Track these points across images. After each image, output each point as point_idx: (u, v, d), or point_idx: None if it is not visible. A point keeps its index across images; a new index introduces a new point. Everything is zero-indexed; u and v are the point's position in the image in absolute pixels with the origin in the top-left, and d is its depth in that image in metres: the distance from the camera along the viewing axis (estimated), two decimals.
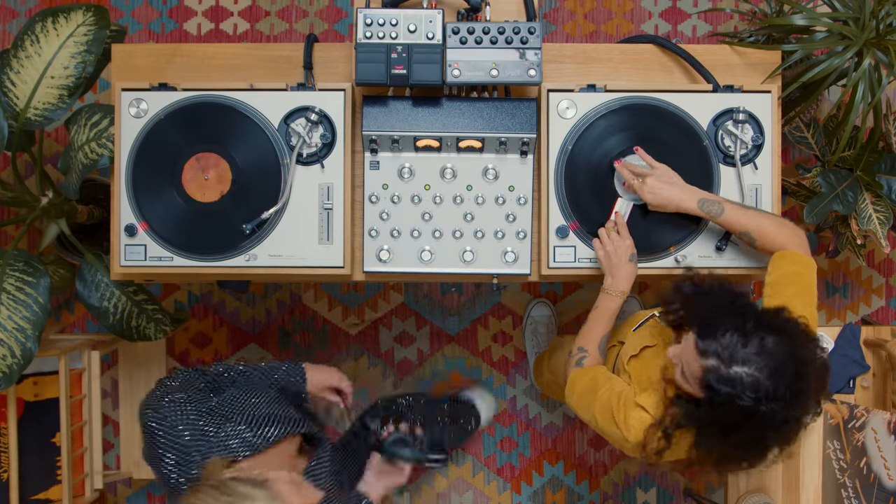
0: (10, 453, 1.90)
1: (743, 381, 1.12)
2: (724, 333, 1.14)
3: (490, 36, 1.48)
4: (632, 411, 1.30)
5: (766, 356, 1.12)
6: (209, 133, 1.54)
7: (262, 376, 1.46)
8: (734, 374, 1.13)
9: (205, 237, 1.55)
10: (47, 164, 2.43)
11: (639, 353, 1.42)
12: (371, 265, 1.58)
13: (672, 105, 1.56)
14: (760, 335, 1.13)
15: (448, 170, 1.57)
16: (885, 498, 1.77)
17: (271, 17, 2.50)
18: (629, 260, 1.46)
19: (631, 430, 1.30)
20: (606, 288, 1.47)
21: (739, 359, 1.13)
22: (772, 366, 1.12)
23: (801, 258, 1.35)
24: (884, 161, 1.90)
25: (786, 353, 1.13)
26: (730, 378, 1.13)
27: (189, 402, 1.25)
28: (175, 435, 1.21)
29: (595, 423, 1.37)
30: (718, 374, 1.14)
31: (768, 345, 1.12)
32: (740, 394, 1.12)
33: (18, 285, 1.68)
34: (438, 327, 2.50)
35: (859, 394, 1.90)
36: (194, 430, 1.22)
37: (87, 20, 1.71)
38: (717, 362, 1.14)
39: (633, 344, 1.44)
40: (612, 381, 1.38)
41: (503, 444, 2.51)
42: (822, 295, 2.52)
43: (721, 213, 1.42)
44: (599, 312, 1.47)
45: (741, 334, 1.14)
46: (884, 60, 1.66)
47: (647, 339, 1.43)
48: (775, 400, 1.12)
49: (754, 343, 1.13)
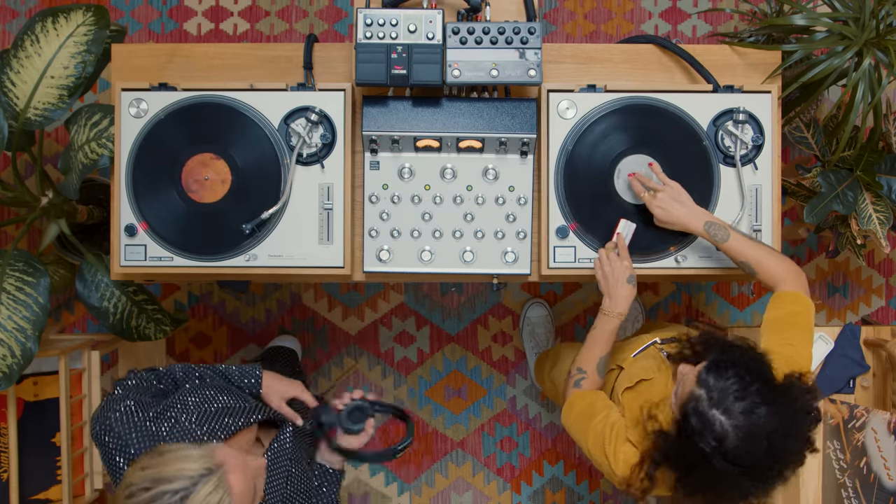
0: (10, 453, 1.90)
1: (713, 426, 1.12)
2: (728, 378, 1.14)
3: (490, 36, 1.48)
4: (621, 445, 1.30)
5: (749, 421, 1.11)
6: (209, 133, 1.54)
7: (216, 375, 1.44)
8: (711, 416, 1.13)
9: (205, 237, 1.55)
10: (47, 164, 2.43)
11: (634, 385, 1.41)
12: (371, 265, 1.58)
13: (672, 105, 1.56)
14: (757, 400, 1.12)
15: (448, 170, 1.56)
16: (885, 498, 1.77)
17: (271, 17, 2.50)
18: (626, 282, 1.45)
19: (619, 465, 1.29)
20: (604, 309, 1.47)
21: (724, 406, 1.12)
22: (748, 433, 1.11)
23: (801, 298, 1.35)
24: (884, 161, 1.90)
25: (770, 429, 1.11)
26: (705, 416, 1.13)
27: (139, 409, 1.23)
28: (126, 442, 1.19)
29: (586, 448, 1.37)
30: (698, 407, 1.14)
31: (758, 413, 1.11)
32: (705, 435, 1.12)
33: (18, 285, 1.68)
34: (438, 327, 2.50)
35: (859, 394, 1.90)
36: (144, 433, 1.20)
37: (87, 20, 1.71)
38: (705, 397, 1.14)
39: (631, 375, 1.43)
40: (610, 410, 1.37)
41: (503, 444, 2.51)
42: (823, 295, 2.53)
43: (726, 239, 1.41)
44: (597, 333, 1.47)
45: (741, 388, 1.13)
46: (884, 60, 1.66)
47: (645, 371, 1.42)
48: (732, 463, 1.11)
49: (747, 403, 1.12)
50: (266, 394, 1.46)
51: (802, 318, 1.33)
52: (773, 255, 1.39)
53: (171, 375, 1.40)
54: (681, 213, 1.45)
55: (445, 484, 2.51)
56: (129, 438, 1.19)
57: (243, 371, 1.46)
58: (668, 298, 2.51)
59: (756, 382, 1.14)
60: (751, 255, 1.39)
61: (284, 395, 1.47)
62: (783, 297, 1.36)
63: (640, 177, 1.52)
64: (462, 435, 2.51)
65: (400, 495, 2.51)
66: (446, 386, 2.50)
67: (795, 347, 1.29)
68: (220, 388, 1.35)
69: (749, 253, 1.39)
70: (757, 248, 1.40)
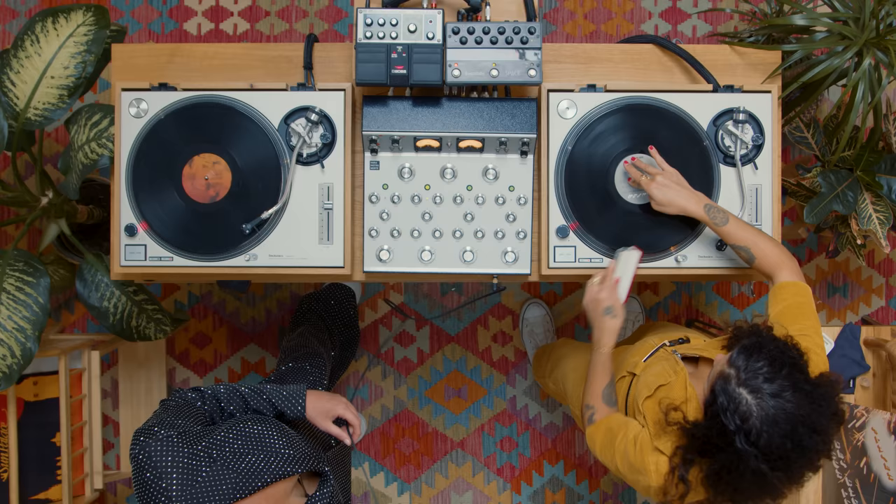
0: (10, 453, 1.90)
1: (739, 404, 1.13)
2: (760, 360, 1.15)
3: (490, 36, 1.48)
4: (649, 456, 1.29)
5: (775, 403, 1.11)
6: (209, 133, 1.54)
7: (261, 399, 1.41)
8: (737, 393, 1.13)
9: (205, 237, 1.55)
10: (47, 164, 2.43)
11: (653, 392, 1.40)
12: (371, 265, 1.58)
13: (672, 105, 1.56)
14: (786, 384, 1.12)
15: (448, 170, 1.56)
16: (885, 498, 1.77)
17: (271, 17, 2.50)
18: (604, 314, 1.44)
19: (651, 476, 1.28)
20: (593, 341, 1.48)
21: (753, 386, 1.13)
22: (772, 415, 1.11)
23: (801, 288, 1.36)
24: (884, 161, 1.90)
25: (795, 415, 1.11)
26: (732, 394, 1.14)
27: (182, 443, 1.20)
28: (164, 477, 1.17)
29: (619, 473, 1.36)
30: (727, 386, 1.15)
31: (785, 396, 1.12)
32: (731, 412, 1.13)
33: (18, 285, 1.68)
34: (438, 327, 2.50)
35: (859, 394, 1.90)
36: (183, 471, 1.18)
37: (87, 20, 1.71)
38: (734, 375, 1.15)
39: (648, 383, 1.41)
40: (628, 426, 1.36)
41: (503, 444, 2.51)
42: (823, 295, 2.53)
43: (725, 222, 1.42)
44: (592, 367, 1.47)
45: (772, 371, 1.13)
46: (884, 60, 1.66)
47: (661, 377, 1.41)
48: (754, 445, 1.12)
49: (775, 385, 1.12)
50: (311, 416, 1.44)
51: (809, 307, 1.35)
52: (770, 240, 1.41)
53: (215, 396, 1.38)
54: (679, 195, 1.45)
55: (445, 484, 2.51)
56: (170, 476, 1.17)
57: (288, 395, 1.43)
58: (668, 298, 2.51)
59: (786, 367, 1.14)
60: (749, 239, 1.40)
61: (329, 415, 1.44)
62: (786, 288, 1.36)
63: (637, 162, 1.52)
64: (462, 435, 2.50)
65: (400, 495, 2.51)
66: (446, 386, 2.50)
67: (812, 338, 1.30)
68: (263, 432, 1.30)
69: (748, 237, 1.40)
70: (755, 233, 1.41)
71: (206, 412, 1.36)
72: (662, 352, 1.50)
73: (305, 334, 1.98)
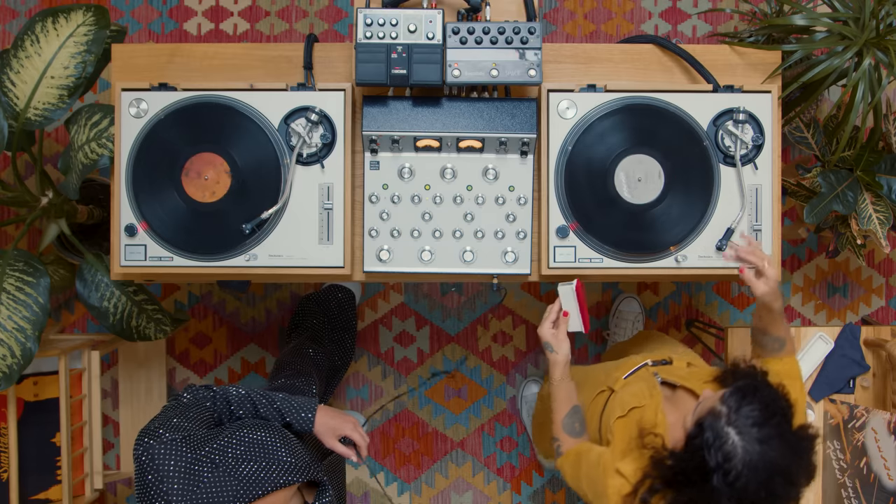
0: (10, 453, 1.90)
1: (725, 442, 1.12)
2: (752, 402, 1.15)
3: (490, 36, 1.48)
4: (609, 479, 1.29)
5: (759, 449, 1.12)
6: (209, 133, 1.54)
7: (272, 410, 1.40)
8: (726, 432, 1.13)
9: (205, 237, 1.55)
10: (47, 164, 2.43)
11: (626, 413, 1.42)
12: (371, 265, 1.58)
13: (672, 105, 1.56)
14: (773, 433, 1.13)
15: (448, 170, 1.57)
16: (885, 498, 1.77)
17: (271, 17, 2.50)
18: (546, 349, 1.47)
19: (610, 498, 1.28)
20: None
21: (742, 428, 1.13)
22: (755, 460, 1.11)
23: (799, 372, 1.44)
24: (884, 161, 1.90)
25: (775, 463, 1.12)
26: (720, 431, 1.14)
27: (186, 447, 1.20)
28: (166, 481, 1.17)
29: (588, 499, 1.38)
30: (716, 423, 1.15)
31: (771, 444, 1.12)
32: (715, 449, 1.13)
33: (18, 285, 1.68)
34: (438, 327, 2.50)
35: (859, 394, 1.90)
36: (186, 476, 1.18)
37: (87, 20, 1.71)
38: (726, 414, 1.15)
39: (623, 402, 1.43)
40: (592, 450, 1.38)
41: (503, 444, 2.51)
42: (823, 295, 2.53)
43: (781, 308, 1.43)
44: (551, 401, 1.49)
45: (763, 417, 1.14)
46: (884, 60, 1.66)
47: (636, 398, 1.43)
48: (730, 485, 1.12)
49: (762, 433, 1.12)
50: (319, 431, 1.42)
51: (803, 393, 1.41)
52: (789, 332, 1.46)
53: (225, 398, 1.37)
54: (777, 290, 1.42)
55: (445, 484, 2.51)
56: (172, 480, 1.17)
57: (298, 406, 1.42)
58: (668, 298, 2.51)
59: (778, 416, 1.15)
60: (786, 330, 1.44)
61: (337, 433, 1.43)
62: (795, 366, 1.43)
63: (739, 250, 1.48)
64: (462, 435, 2.51)
65: (400, 495, 2.51)
66: (446, 386, 2.50)
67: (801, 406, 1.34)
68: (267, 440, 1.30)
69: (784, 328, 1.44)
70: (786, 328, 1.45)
71: (215, 413, 1.36)
72: (643, 371, 1.51)
73: (300, 350, 1.99)
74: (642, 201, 1.55)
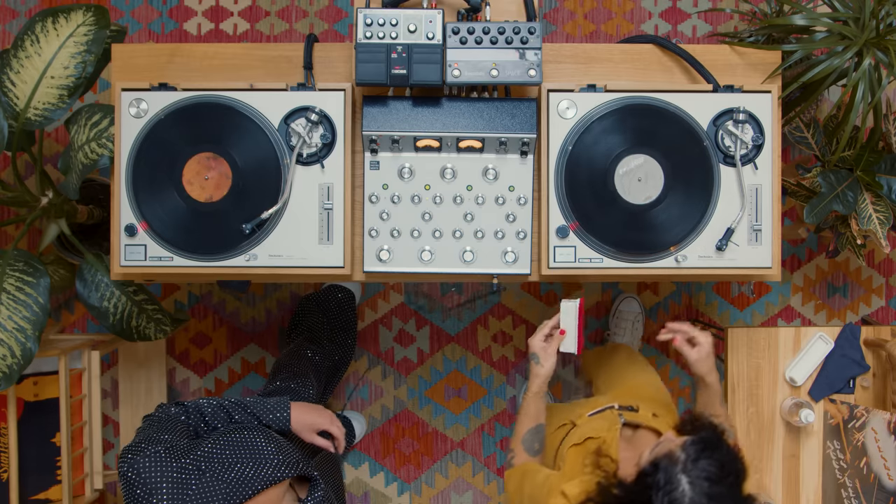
0: (10, 453, 1.90)
1: (675, 490, 1.11)
2: (711, 457, 1.14)
3: (490, 36, 1.48)
4: (552, 499, 1.29)
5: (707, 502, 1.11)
6: (209, 133, 1.54)
7: (245, 413, 1.41)
8: (678, 480, 1.12)
9: (205, 237, 1.55)
10: (47, 164, 2.43)
11: (582, 442, 1.42)
12: (371, 265, 1.58)
13: (672, 105, 1.56)
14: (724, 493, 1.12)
15: (448, 170, 1.56)
16: (885, 498, 1.77)
17: (271, 17, 2.50)
18: (531, 360, 1.49)
19: None
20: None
21: (694, 480, 1.12)
22: None
23: None
24: (884, 161, 1.90)
25: None
26: (673, 477, 1.13)
27: (170, 456, 1.20)
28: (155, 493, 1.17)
29: None
30: (671, 468, 1.14)
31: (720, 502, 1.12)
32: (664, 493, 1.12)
33: (18, 285, 1.68)
34: (438, 327, 2.51)
35: (859, 394, 1.90)
36: (174, 484, 1.18)
37: (87, 20, 1.71)
38: (683, 462, 1.14)
39: (581, 432, 1.44)
40: (539, 471, 1.39)
41: (503, 444, 2.51)
42: (823, 295, 2.53)
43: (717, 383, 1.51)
44: (520, 411, 1.51)
45: (719, 475, 1.12)
46: (884, 60, 1.66)
47: (595, 431, 1.43)
48: None
49: (714, 490, 1.11)
50: (296, 429, 1.44)
51: None
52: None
53: (198, 410, 1.38)
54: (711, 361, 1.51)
55: (445, 484, 2.51)
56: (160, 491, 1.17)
57: (272, 407, 1.43)
58: (667, 298, 2.51)
59: (731, 477, 1.14)
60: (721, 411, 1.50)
61: (314, 428, 1.46)
62: None
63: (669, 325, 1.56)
64: (462, 435, 2.51)
65: (400, 495, 2.51)
66: (446, 386, 2.50)
67: None
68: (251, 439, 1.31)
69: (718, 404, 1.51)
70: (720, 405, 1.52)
71: (191, 426, 1.36)
72: (609, 412, 1.52)
73: (297, 352, 1.99)
74: (642, 201, 1.55)
